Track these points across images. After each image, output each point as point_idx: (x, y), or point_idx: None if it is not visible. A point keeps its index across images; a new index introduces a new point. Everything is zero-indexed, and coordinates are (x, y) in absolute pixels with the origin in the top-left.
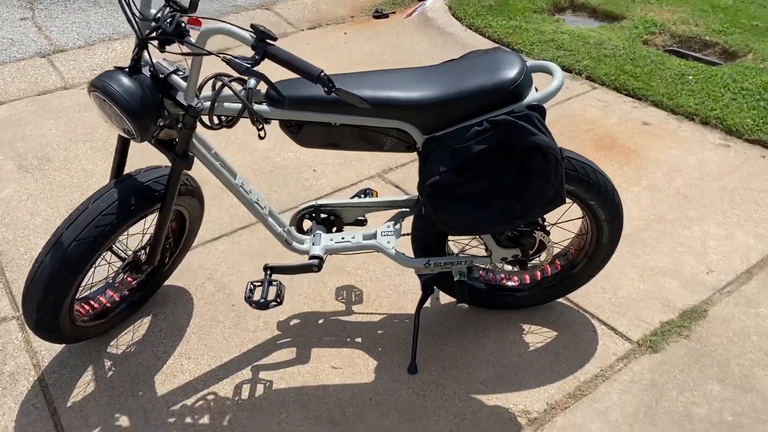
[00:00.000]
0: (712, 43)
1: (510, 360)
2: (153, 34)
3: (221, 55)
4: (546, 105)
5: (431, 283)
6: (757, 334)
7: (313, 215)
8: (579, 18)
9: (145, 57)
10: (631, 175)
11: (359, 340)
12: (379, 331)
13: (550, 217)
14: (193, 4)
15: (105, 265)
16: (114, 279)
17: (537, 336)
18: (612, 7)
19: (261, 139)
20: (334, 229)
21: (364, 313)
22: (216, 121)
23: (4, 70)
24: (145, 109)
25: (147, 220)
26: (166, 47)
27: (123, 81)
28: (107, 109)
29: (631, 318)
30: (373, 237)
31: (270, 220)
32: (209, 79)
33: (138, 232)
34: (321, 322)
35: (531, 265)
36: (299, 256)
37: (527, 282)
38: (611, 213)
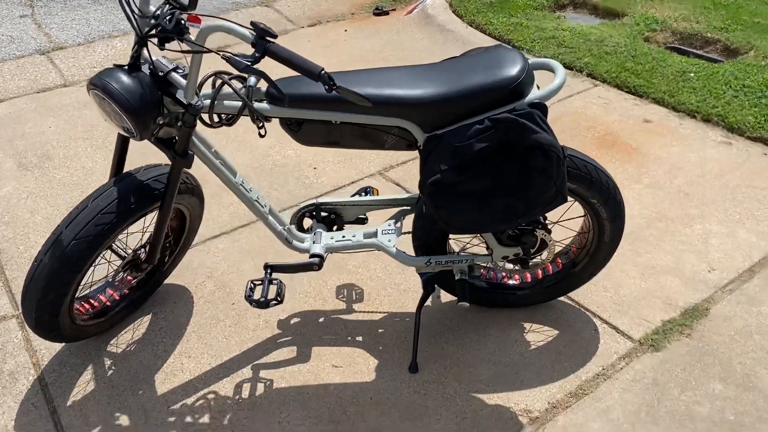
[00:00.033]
0: (714, 40)
1: (511, 359)
2: (152, 31)
3: (221, 53)
4: (547, 102)
5: (432, 282)
6: (759, 333)
7: (314, 214)
8: (580, 15)
9: (145, 55)
10: (632, 172)
11: (360, 338)
12: (379, 330)
13: (552, 215)
14: (193, 1)
15: (105, 263)
16: (114, 277)
17: (538, 335)
18: (613, 4)
19: (261, 137)
20: (334, 228)
21: (364, 311)
22: (216, 119)
23: (4, 68)
24: (145, 107)
25: (147, 219)
26: (166, 45)
27: (122, 79)
28: (106, 108)
29: (633, 316)
30: (374, 235)
31: (270, 218)
32: (209, 77)
33: (138, 230)
34: (321, 320)
35: (532, 264)
36: (300, 254)
37: (528, 280)
38: (613, 211)
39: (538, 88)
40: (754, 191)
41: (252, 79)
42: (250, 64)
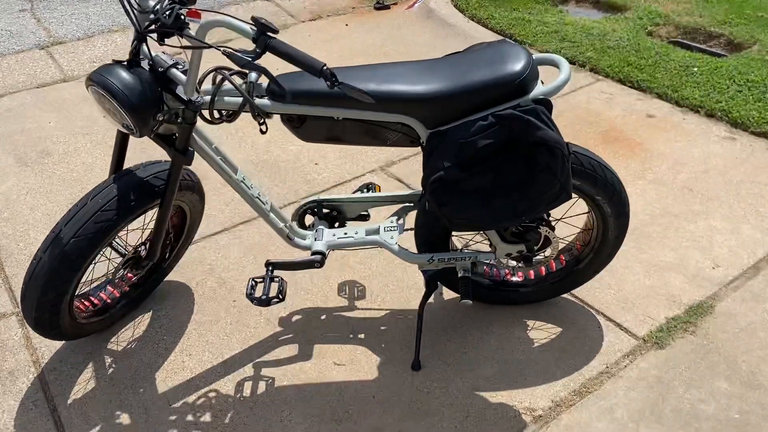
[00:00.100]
0: (717, 35)
1: (514, 356)
2: (152, 26)
3: (222, 49)
4: (551, 98)
5: (435, 279)
6: (764, 330)
7: (315, 210)
8: (582, 9)
9: (144, 50)
10: (635, 168)
11: (362, 336)
12: (382, 328)
13: (556, 212)
14: None
15: (105, 261)
16: (114, 275)
17: (542, 332)
18: None
19: (263, 133)
20: (336, 225)
21: (367, 309)
22: (216, 115)
23: (3, 63)
24: (144, 103)
25: (147, 216)
26: (165, 40)
27: (121, 75)
28: (106, 104)
29: (637, 314)
30: (376, 232)
31: (271, 215)
32: (209, 73)
33: (138, 227)
34: (323, 318)
35: (536, 261)
36: (301, 251)
37: (532, 278)
38: (618, 208)
39: (543, 83)
40: (759, 187)
41: (253, 75)
42: (251, 60)
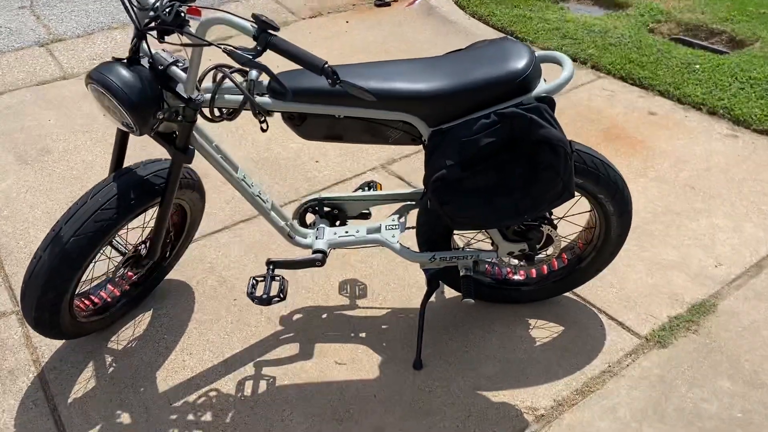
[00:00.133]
0: (719, 32)
1: (516, 355)
2: (151, 24)
3: (222, 46)
4: (554, 96)
5: (437, 278)
6: (767, 329)
7: (316, 209)
8: (583, 6)
9: (144, 48)
10: (637, 166)
11: (363, 335)
12: (383, 326)
13: (558, 210)
14: None
15: (105, 260)
16: (114, 274)
17: (543, 331)
18: None
19: (263, 131)
20: (337, 223)
21: (368, 307)
22: (217, 113)
23: (2, 60)
24: (144, 102)
25: (147, 214)
26: (165, 38)
27: (121, 73)
28: (105, 103)
29: (639, 312)
30: (378, 231)
31: (272, 213)
32: (210, 71)
33: (138, 226)
34: (324, 316)
35: (538, 260)
36: (302, 250)
37: (534, 276)
38: (621, 207)
39: (545, 81)
40: (761, 185)
41: (254, 73)
42: (252, 57)
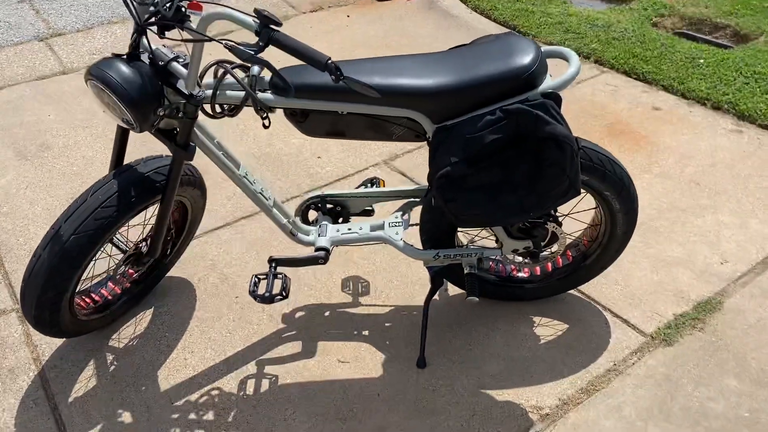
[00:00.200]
0: (723, 26)
1: (521, 353)
2: (152, 19)
3: (223, 42)
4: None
5: (440, 276)
6: None
7: (319, 206)
8: (586, 0)
9: (144, 43)
10: (641, 162)
11: (366, 333)
12: (386, 324)
13: (563, 207)
14: None
15: (105, 257)
16: (115, 271)
17: (548, 329)
18: None
19: (265, 128)
20: (340, 220)
21: (371, 305)
22: (218, 109)
23: (1, 55)
24: (145, 98)
25: (148, 211)
26: (166, 33)
27: (121, 69)
28: (105, 99)
29: (644, 310)
30: (381, 228)
31: (274, 210)
32: (211, 66)
33: (139, 223)
34: (327, 314)
35: (542, 257)
36: (305, 247)
37: (538, 273)
38: (626, 204)
39: (551, 77)
40: (767, 181)
41: (255, 69)
42: (254, 53)
